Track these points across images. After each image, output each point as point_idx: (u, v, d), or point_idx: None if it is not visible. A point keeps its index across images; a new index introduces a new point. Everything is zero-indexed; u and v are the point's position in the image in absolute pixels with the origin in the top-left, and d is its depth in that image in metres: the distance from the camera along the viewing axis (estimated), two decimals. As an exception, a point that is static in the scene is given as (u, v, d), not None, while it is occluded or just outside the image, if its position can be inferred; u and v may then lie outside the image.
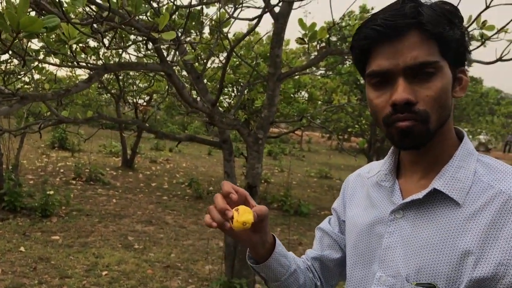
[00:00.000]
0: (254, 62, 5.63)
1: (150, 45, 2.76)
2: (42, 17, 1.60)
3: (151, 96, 11.63)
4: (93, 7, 2.88)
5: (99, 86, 10.28)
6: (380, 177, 1.01)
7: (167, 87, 4.71)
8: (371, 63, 0.89)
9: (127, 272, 4.77)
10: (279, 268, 1.08)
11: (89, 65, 2.95)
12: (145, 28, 2.46)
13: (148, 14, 3.74)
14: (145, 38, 2.37)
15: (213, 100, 3.43)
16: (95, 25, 2.58)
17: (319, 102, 7.67)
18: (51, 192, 6.75)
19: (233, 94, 8.71)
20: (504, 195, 0.84)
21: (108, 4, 1.91)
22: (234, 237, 1.02)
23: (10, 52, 2.43)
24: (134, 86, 10.61)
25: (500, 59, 2.97)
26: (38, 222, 6.17)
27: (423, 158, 0.93)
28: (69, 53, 2.65)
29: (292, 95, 7.39)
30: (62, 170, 10.56)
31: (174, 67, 4.61)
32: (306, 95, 8.06)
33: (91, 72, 2.51)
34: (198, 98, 3.70)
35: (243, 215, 0.92)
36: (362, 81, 10.73)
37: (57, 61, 4.15)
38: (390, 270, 0.92)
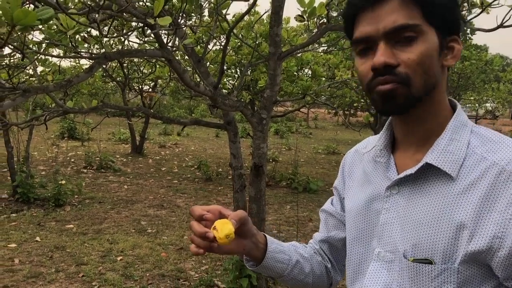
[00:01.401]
0: (255, 42, 5.62)
1: (148, 31, 2.77)
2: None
3: (156, 82, 11.66)
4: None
5: (104, 74, 10.29)
6: (375, 153, 1.01)
7: (169, 72, 4.74)
8: (355, 30, 0.89)
9: (141, 256, 4.87)
10: (278, 264, 1.09)
11: (90, 54, 2.98)
12: (143, 15, 2.47)
13: (147, 0, 3.74)
14: (142, 25, 2.39)
15: (215, 82, 3.45)
16: (93, 14, 2.60)
17: (323, 79, 7.64)
18: (63, 182, 6.86)
19: (236, 75, 8.70)
20: (497, 167, 0.83)
21: (103, -7, 1.93)
22: (226, 253, 1.03)
23: (11, 46, 2.46)
24: (139, 73, 10.64)
25: (501, 26, 2.94)
26: (52, 212, 6.29)
27: (414, 130, 0.93)
28: (70, 43, 2.68)
29: (295, 73, 7.37)
30: (73, 160, 10.70)
31: (176, 52, 4.62)
32: (310, 72, 8.03)
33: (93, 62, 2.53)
34: (201, 82, 3.72)
35: (223, 229, 0.93)
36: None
37: (61, 52, 4.16)
38: (388, 246, 0.93)
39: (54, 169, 8.69)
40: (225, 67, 7.86)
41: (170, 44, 3.51)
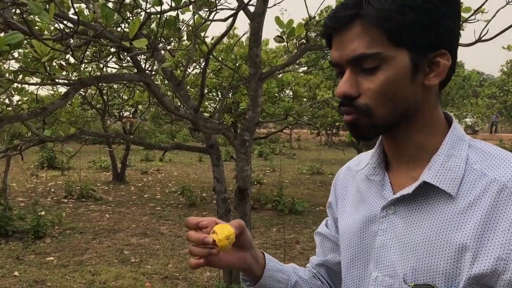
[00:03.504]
0: (235, 64, 5.61)
1: (124, 55, 2.71)
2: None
3: (136, 108, 11.57)
4: (69, 23, 2.84)
5: (82, 102, 10.17)
6: (369, 171, 0.96)
7: (149, 97, 4.68)
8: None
9: (125, 287, 4.71)
10: (276, 284, 1.03)
11: (66, 81, 2.90)
12: (118, 38, 2.42)
13: (125, 26, 3.70)
14: (118, 48, 2.33)
15: (195, 106, 3.39)
16: (70, 40, 2.54)
17: (304, 99, 7.66)
18: (43, 213, 6.65)
19: (217, 98, 8.69)
20: (498, 184, 0.78)
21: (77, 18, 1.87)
22: (227, 266, 0.97)
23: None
24: (119, 99, 10.55)
25: (479, 40, 2.97)
26: (31, 245, 6.08)
27: (403, 148, 0.89)
28: (45, 70, 2.60)
29: (276, 95, 7.38)
30: (52, 190, 10.46)
31: (156, 76, 4.57)
32: (291, 93, 8.05)
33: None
34: (181, 105, 3.66)
35: (223, 231, 0.87)
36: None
37: (38, 80, 4.07)
38: (386, 270, 0.88)
39: (34, 200, 8.48)
40: (205, 90, 7.84)
41: (149, 68, 3.46)
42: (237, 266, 0.97)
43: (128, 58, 3.25)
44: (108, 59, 3.51)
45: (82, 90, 9.06)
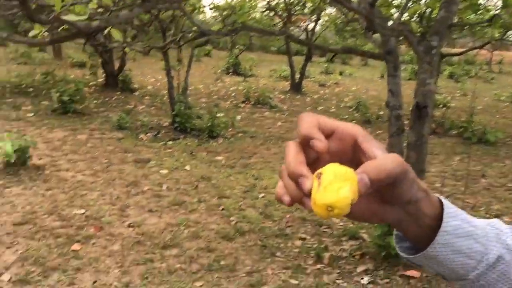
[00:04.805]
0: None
1: None
2: None
3: (318, 16, 11.19)
4: None
5: (266, 7, 10.13)
6: None
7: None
8: None
9: (283, 196, 4.61)
10: (458, 258, 0.49)
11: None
12: None
13: None
14: None
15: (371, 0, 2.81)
16: None
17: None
18: (219, 115, 6.90)
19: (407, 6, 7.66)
20: None
21: None
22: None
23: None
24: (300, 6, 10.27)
25: None
26: (204, 143, 6.39)
27: None
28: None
29: (480, 1, 6.13)
30: (233, 94, 10.92)
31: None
32: (499, 2, 6.64)
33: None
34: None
35: (328, 190, 0.41)
36: None
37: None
38: None
39: (215, 102, 8.92)
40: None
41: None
42: (361, 220, 0.50)
43: None
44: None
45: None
